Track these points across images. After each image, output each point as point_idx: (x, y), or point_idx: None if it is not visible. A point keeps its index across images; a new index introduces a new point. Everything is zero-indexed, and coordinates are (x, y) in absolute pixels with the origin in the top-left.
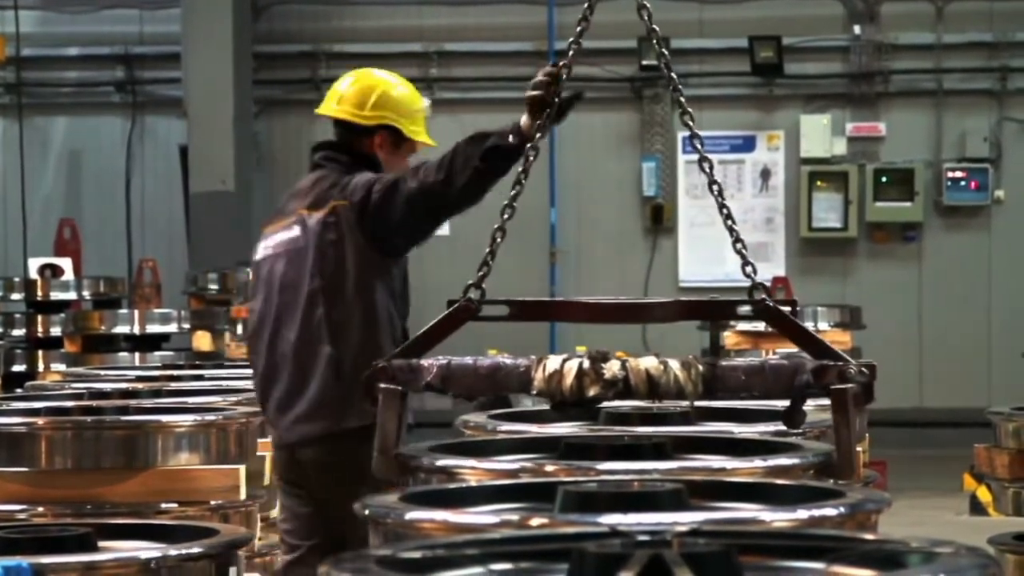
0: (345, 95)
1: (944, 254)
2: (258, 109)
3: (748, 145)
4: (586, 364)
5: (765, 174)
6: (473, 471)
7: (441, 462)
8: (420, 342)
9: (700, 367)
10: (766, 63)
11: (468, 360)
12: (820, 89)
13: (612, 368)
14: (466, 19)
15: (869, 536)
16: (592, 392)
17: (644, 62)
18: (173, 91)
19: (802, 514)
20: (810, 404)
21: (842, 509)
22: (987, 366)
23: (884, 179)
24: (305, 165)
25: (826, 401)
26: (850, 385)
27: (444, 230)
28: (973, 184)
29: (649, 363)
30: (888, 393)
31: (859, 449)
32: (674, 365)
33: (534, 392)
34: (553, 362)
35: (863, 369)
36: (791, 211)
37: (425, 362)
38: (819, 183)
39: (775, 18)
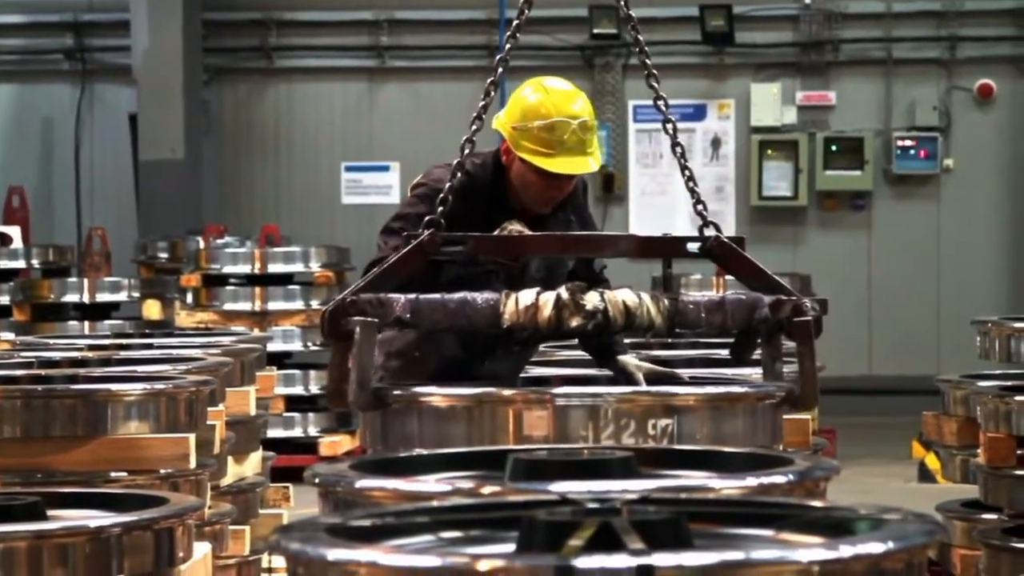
0: None
1: (894, 223)
2: (208, 77)
3: (699, 114)
4: (565, 295)
5: (716, 143)
6: (445, 398)
7: (413, 391)
8: (383, 276)
9: (666, 301)
10: (716, 32)
11: (436, 295)
12: (770, 58)
13: (592, 299)
14: None
15: (818, 503)
16: (573, 323)
17: (595, 31)
18: (122, 59)
19: (751, 481)
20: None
21: (791, 476)
22: (936, 334)
23: (834, 148)
24: (256, 132)
25: None
26: (810, 317)
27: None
28: (922, 153)
29: (626, 295)
30: (837, 361)
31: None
32: (646, 298)
33: (505, 325)
34: (527, 295)
35: (814, 304)
36: (741, 180)
37: (393, 296)
38: (769, 152)
39: None
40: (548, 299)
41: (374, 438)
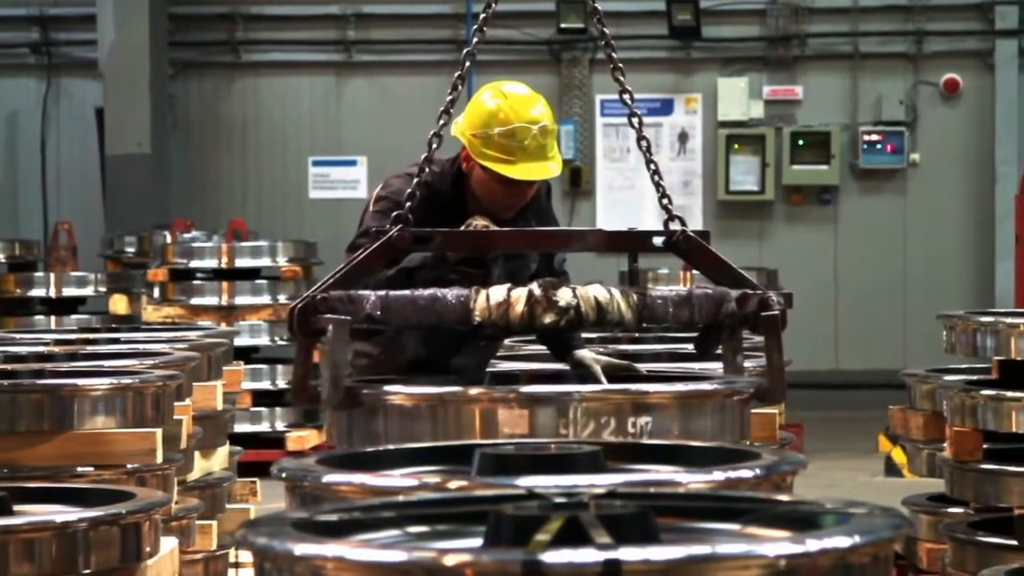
0: None
1: (860, 217)
2: (174, 71)
3: (666, 108)
4: (537, 291)
5: (683, 137)
6: (413, 397)
7: (387, 390)
8: (353, 272)
9: (635, 296)
10: (683, 26)
11: (406, 292)
12: (737, 52)
13: (564, 295)
14: None
15: (784, 497)
16: (546, 320)
17: (562, 25)
18: (89, 53)
19: (718, 476)
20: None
21: (758, 471)
22: (902, 328)
23: (801, 142)
24: (223, 127)
25: None
26: (778, 311)
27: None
28: (889, 147)
29: (597, 291)
30: (804, 355)
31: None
32: (616, 294)
33: (476, 321)
34: (498, 292)
35: (779, 298)
36: (708, 174)
37: (363, 293)
38: (736, 146)
39: None
40: (520, 295)
41: (341, 435)
